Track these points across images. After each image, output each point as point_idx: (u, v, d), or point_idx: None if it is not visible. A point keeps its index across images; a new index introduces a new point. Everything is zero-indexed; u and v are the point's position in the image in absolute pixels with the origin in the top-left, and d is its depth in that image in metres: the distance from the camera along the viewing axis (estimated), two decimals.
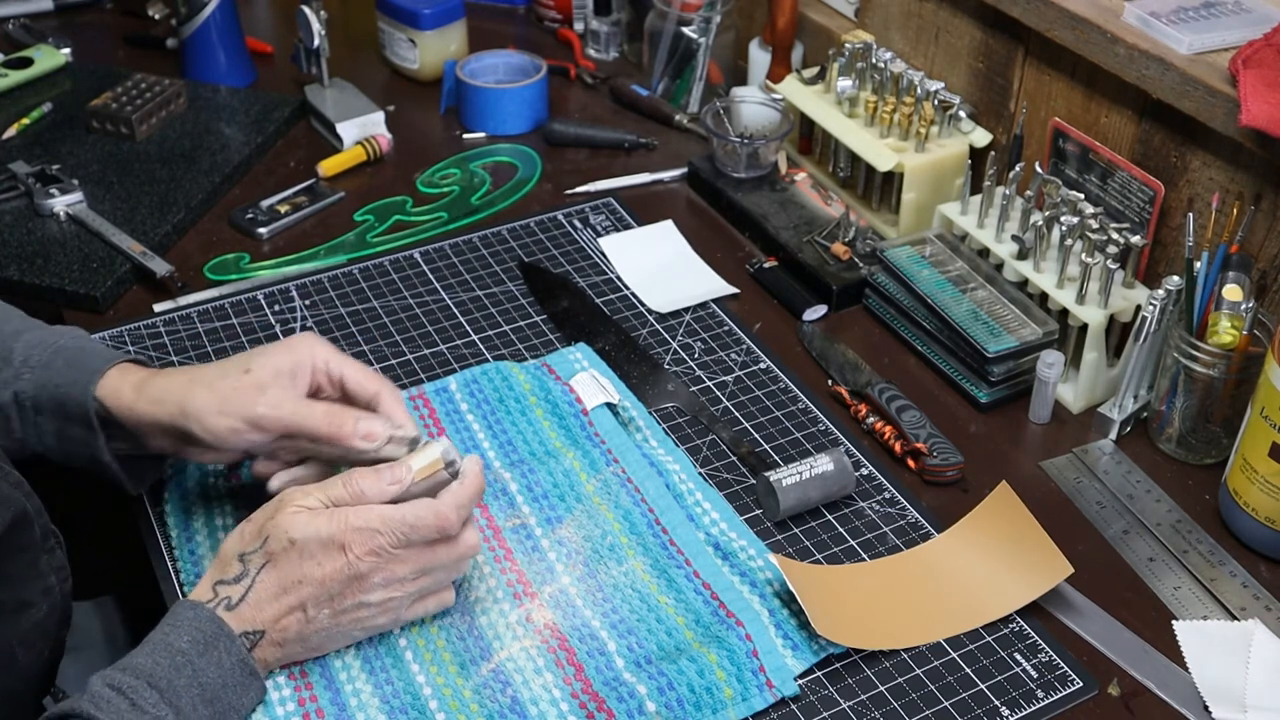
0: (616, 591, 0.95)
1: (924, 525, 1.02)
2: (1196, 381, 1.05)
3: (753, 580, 0.96)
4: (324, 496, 0.84)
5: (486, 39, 1.68)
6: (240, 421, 0.88)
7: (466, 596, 0.94)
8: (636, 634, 0.92)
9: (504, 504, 1.01)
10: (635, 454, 1.05)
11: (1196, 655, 0.92)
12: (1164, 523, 1.04)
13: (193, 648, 0.80)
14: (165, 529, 1.00)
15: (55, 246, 1.30)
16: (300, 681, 0.87)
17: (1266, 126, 0.99)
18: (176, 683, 0.79)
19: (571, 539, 0.99)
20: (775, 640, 0.91)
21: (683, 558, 0.97)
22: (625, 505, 1.01)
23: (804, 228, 1.33)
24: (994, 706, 0.89)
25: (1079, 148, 1.20)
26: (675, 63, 1.57)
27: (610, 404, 1.10)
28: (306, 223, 1.39)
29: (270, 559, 0.83)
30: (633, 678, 0.87)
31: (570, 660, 0.90)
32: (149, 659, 0.79)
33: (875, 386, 1.13)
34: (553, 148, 1.52)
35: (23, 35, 1.71)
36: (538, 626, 0.92)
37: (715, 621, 0.92)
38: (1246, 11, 1.12)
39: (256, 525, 0.85)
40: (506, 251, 1.33)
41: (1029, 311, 1.16)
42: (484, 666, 0.89)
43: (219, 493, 1.02)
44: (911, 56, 1.43)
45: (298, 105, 1.56)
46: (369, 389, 0.92)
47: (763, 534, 1.01)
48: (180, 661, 0.80)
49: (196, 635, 0.81)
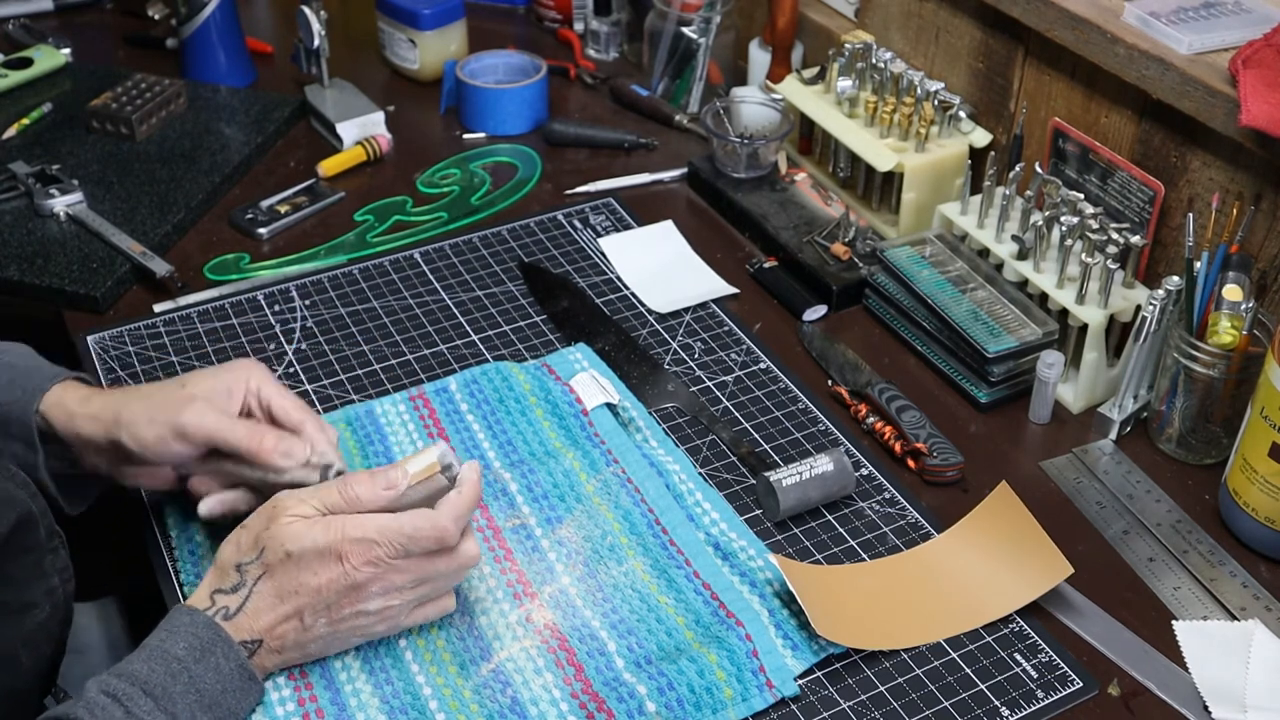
0: (616, 591, 0.95)
1: (924, 525, 1.02)
2: (1196, 381, 1.05)
3: (753, 580, 0.96)
4: (319, 503, 0.84)
5: (486, 39, 1.68)
6: (167, 430, 0.89)
7: (466, 597, 0.94)
8: (636, 634, 0.92)
9: (504, 504, 1.01)
10: (635, 454, 1.05)
11: (1196, 655, 0.92)
12: (1164, 523, 1.04)
13: (189, 654, 0.80)
14: (165, 529, 1.00)
15: (55, 246, 1.30)
16: (300, 682, 0.87)
17: (1266, 126, 0.99)
18: (172, 690, 0.79)
19: (571, 539, 0.99)
20: (775, 640, 0.91)
21: (683, 558, 0.97)
22: (625, 505, 1.01)
23: (804, 228, 1.33)
24: (994, 706, 0.89)
25: (1079, 148, 1.20)
26: (675, 63, 1.57)
27: (610, 404, 1.10)
28: (306, 223, 1.39)
29: (267, 570, 0.83)
30: (633, 678, 0.88)
31: (570, 660, 0.90)
32: (145, 665, 0.80)
33: (875, 386, 1.13)
34: (553, 148, 1.52)
35: (23, 35, 1.71)
36: (538, 627, 0.92)
37: (715, 622, 0.92)
38: (1246, 11, 1.12)
39: (252, 534, 0.84)
40: (506, 251, 1.33)
41: (1029, 311, 1.16)
42: (484, 666, 0.89)
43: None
44: (911, 56, 1.43)
45: (298, 105, 1.56)
46: (294, 418, 0.93)
47: (763, 534, 1.01)
48: (176, 669, 0.80)
49: (193, 642, 0.81)
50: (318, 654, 0.87)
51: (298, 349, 1.20)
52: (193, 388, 0.92)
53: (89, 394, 0.94)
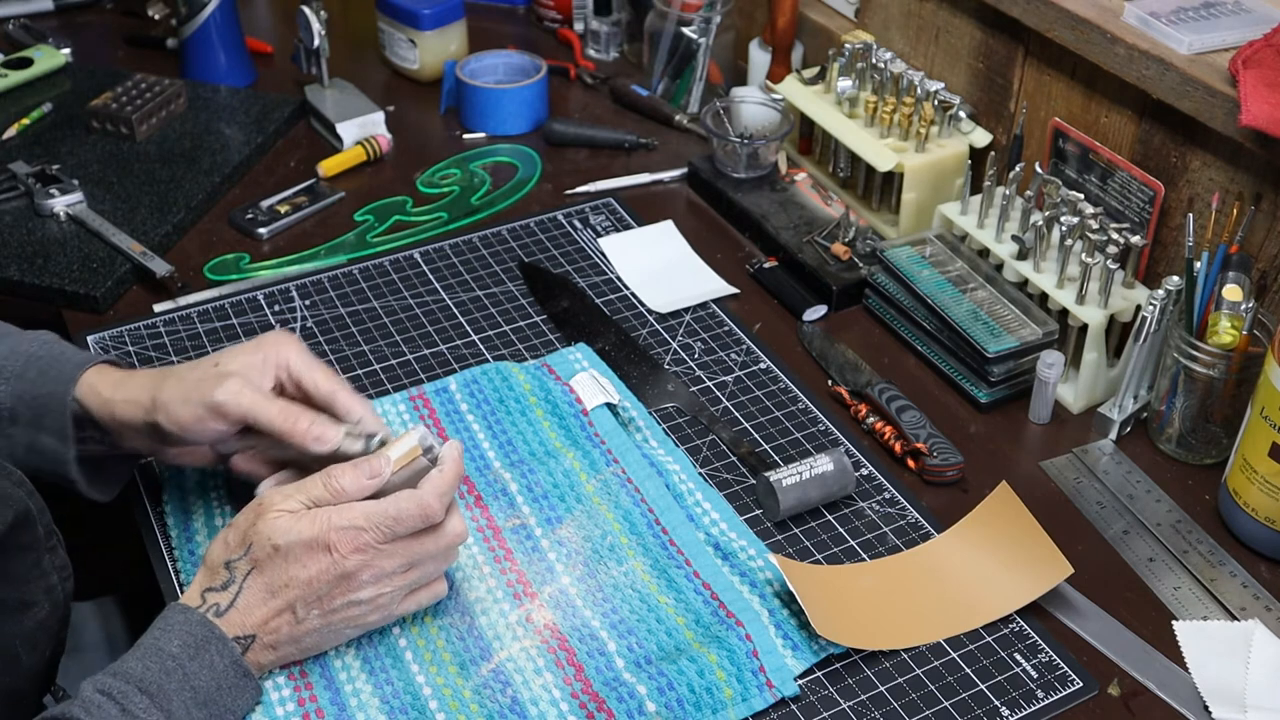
0: (616, 592, 0.95)
1: (924, 525, 1.02)
2: (1196, 381, 1.05)
3: (753, 580, 0.96)
4: (304, 498, 0.84)
5: (486, 39, 1.68)
6: (202, 408, 0.89)
7: (466, 596, 0.94)
8: (636, 634, 0.92)
9: (504, 504, 1.01)
10: (635, 454, 1.05)
11: (1196, 655, 0.92)
12: (1164, 523, 1.04)
13: (183, 651, 0.80)
14: (165, 529, 1.00)
15: (55, 246, 1.30)
16: (300, 681, 0.87)
17: (1266, 126, 0.99)
18: (167, 687, 0.79)
19: (571, 539, 0.98)
20: (775, 640, 0.91)
21: (683, 558, 0.97)
22: (625, 505, 1.01)
23: (804, 228, 1.33)
24: (994, 706, 0.89)
25: (1079, 148, 1.20)
26: (675, 63, 1.57)
27: (610, 404, 1.10)
28: (306, 223, 1.39)
29: (256, 565, 0.83)
30: (633, 678, 0.87)
31: (570, 660, 0.90)
32: (139, 664, 0.80)
33: (875, 386, 1.13)
34: (553, 148, 1.52)
35: (23, 35, 1.71)
36: (538, 627, 0.92)
37: (715, 622, 0.92)
38: (1246, 11, 1.12)
39: (240, 532, 0.84)
40: (506, 251, 1.33)
41: (1029, 311, 1.16)
42: (484, 666, 0.89)
43: (219, 493, 1.02)
44: (911, 56, 1.43)
45: (298, 105, 1.56)
46: (324, 388, 0.93)
47: (763, 534, 1.01)
48: (171, 666, 0.80)
49: (187, 639, 0.81)
50: (313, 648, 0.87)
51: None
52: (226, 365, 0.92)
53: (123, 377, 0.94)
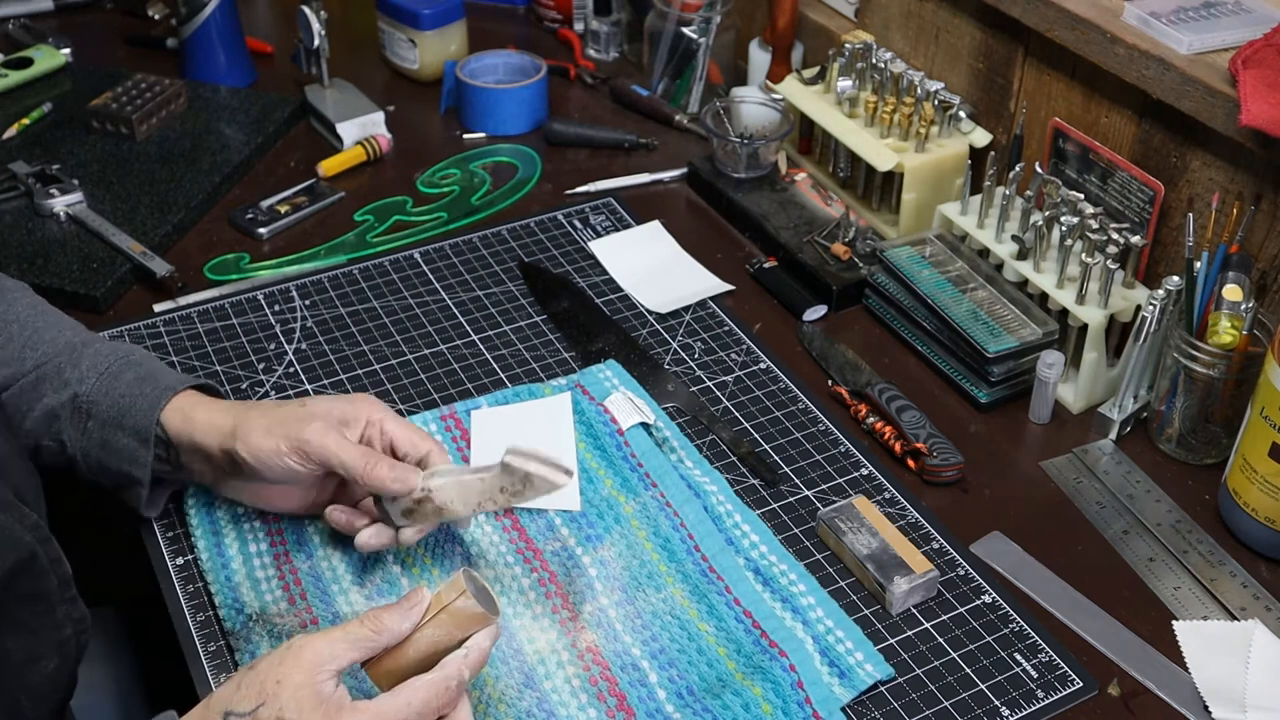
0: (656, 619, 0.93)
1: (924, 525, 1.02)
2: (1196, 381, 1.05)
3: (795, 606, 0.94)
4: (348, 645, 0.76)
5: (486, 39, 1.68)
6: (284, 442, 0.90)
7: (510, 622, 0.93)
8: (677, 665, 0.90)
9: (542, 527, 1.00)
10: (673, 476, 1.03)
11: (1196, 655, 0.92)
12: (1164, 523, 1.04)
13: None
14: (165, 531, 1.00)
15: (55, 246, 1.30)
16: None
17: (1266, 126, 0.99)
18: None
19: (612, 562, 0.97)
20: (820, 669, 0.89)
21: (722, 584, 0.95)
22: (665, 532, 0.99)
23: (804, 228, 1.33)
24: (994, 706, 0.89)
25: (1079, 148, 1.20)
26: (675, 63, 1.57)
27: (644, 423, 1.08)
28: (306, 223, 1.39)
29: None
30: (675, 711, 0.86)
31: (612, 691, 0.88)
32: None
33: (875, 386, 1.13)
34: (553, 148, 1.52)
35: (23, 35, 1.71)
36: (580, 651, 0.91)
37: (757, 651, 0.90)
38: (1246, 11, 1.12)
39: (257, 679, 0.75)
40: (506, 251, 1.33)
41: (1029, 311, 1.16)
42: (528, 695, 0.88)
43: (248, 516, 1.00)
44: (911, 56, 1.43)
45: (298, 105, 1.56)
46: (420, 448, 0.93)
47: (800, 554, 0.99)
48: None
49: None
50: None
51: (298, 349, 1.20)
52: (313, 407, 0.93)
53: (210, 402, 0.95)
